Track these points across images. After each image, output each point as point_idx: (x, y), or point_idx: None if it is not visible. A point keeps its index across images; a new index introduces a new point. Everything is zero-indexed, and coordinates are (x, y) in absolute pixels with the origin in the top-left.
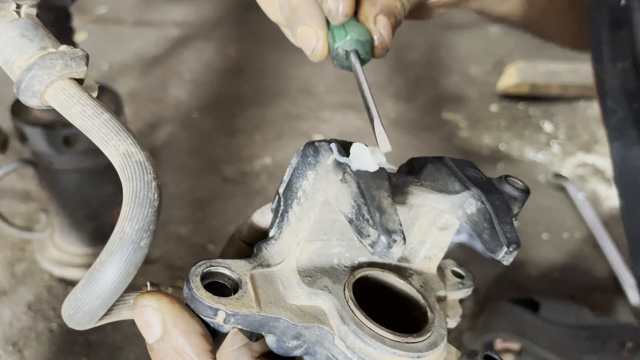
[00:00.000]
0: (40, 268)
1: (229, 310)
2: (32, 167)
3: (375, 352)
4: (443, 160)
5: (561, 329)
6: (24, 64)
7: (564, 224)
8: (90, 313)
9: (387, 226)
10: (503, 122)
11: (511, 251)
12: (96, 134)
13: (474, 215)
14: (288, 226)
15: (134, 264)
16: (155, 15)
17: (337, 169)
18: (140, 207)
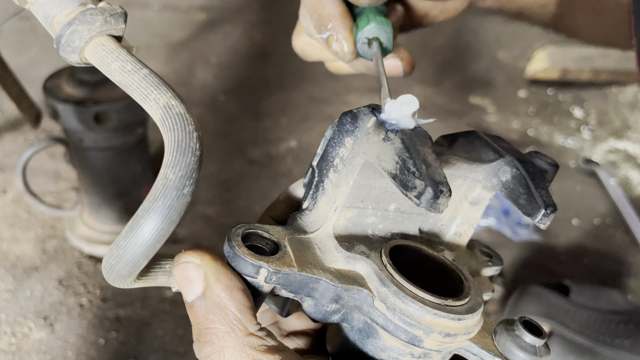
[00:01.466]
0: (71, 245)
1: (271, 267)
2: (63, 145)
3: (417, 312)
4: (475, 133)
5: (592, 313)
6: (64, 19)
7: (595, 209)
8: (132, 262)
9: (434, 177)
10: (532, 108)
11: (548, 213)
12: (136, 88)
13: (509, 182)
14: (324, 195)
15: (177, 211)
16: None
17: (379, 130)
18: (183, 155)
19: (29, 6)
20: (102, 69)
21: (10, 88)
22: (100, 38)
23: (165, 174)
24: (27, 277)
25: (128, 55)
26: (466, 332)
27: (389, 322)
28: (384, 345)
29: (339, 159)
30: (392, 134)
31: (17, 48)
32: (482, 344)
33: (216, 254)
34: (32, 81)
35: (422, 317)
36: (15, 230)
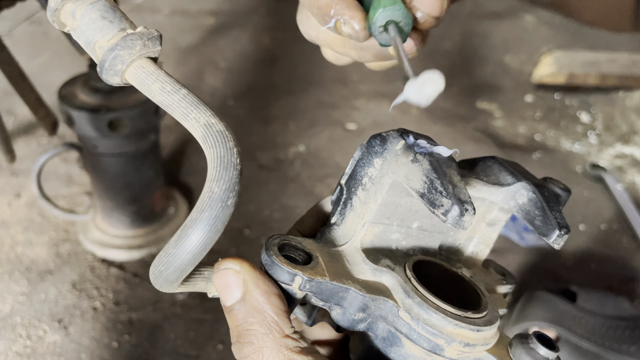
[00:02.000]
0: (84, 249)
1: (305, 276)
2: (77, 151)
3: (439, 323)
4: (495, 158)
5: (599, 319)
6: (107, 45)
7: (601, 215)
8: (180, 268)
9: (460, 197)
10: (538, 112)
11: (562, 234)
12: (176, 108)
13: (525, 204)
14: (352, 211)
15: (221, 221)
16: (190, 4)
17: (408, 152)
18: (226, 170)
19: (68, 29)
20: (142, 90)
21: (28, 97)
22: (139, 61)
23: (210, 187)
24: (42, 280)
25: (167, 77)
26: (484, 343)
27: (412, 331)
28: (406, 354)
29: (368, 178)
30: (420, 156)
31: (30, 52)
32: (498, 355)
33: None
34: (44, 85)
35: (444, 327)
36: (30, 233)
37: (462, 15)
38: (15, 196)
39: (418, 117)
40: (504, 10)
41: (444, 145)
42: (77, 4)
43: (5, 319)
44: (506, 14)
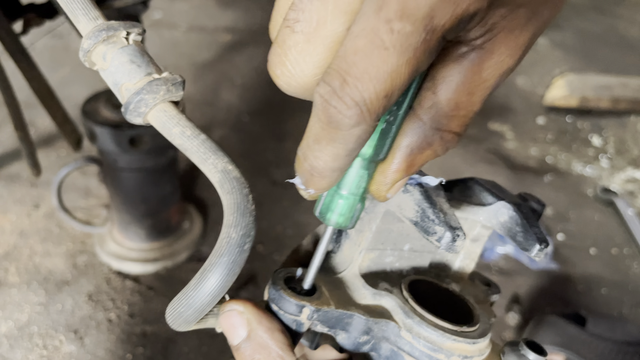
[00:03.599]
0: (100, 261)
1: (313, 306)
2: (97, 165)
3: (439, 339)
4: (474, 180)
5: (608, 344)
6: (133, 88)
7: (612, 239)
8: (200, 309)
9: (451, 224)
10: (550, 135)
11: (542, 249)
12: (194, 152)
13: (506, 222)
14: (348, 239)
15: (238, 264)
16: (207, 21)
17: None
18: (243, 216)
19: (97, 69)
20: (163, 132)
21: (55, 113)
22: (162, 105)
23: (228, 233)
24: (59, 291)
25: (187, 122)
26: (480, 354)
27: (414, 349)
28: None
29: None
30: (410, 187)
31: (50, 66)
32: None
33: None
34: (64, 99)
35: (443, 342)
36: (47, 244)
37: None
38: (34, 207)
39: None
40: None
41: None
42: (109, 47)
43: (22, 328)
44: None
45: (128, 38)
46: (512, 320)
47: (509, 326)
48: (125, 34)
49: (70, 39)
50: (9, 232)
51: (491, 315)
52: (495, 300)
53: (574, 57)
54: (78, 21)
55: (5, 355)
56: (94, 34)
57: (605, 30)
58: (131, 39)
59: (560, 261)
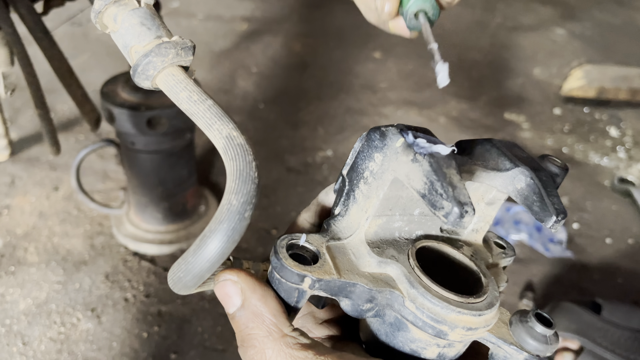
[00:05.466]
0: (117, 242)
1: (314, 276)
2: (115, 147)
3: (443, 311)
4: (492, 142)
5: (625, 332)
6: (142, 50)
7: (629, 229)
8: (198, 275)
9: (460, 199)
10: (567, 126)
11: (560, 220)
12: (200, 117)
13: (523, 189)
14: (355, 203)
15: (238, 232)
16: (224, 10)
17: (407, 150)
18: (244, 183)
19: (109, 31)
20: (170, 96)
21: (75, 92)
22: (171, 68)
23: (229, 199)
24: (77, 270)
25: (195, 86)
26: (486, 325)
27: (418, 319)
28: (413, 337)
29: (369, 172)
30: (420, 157)
31: (70, 52)
32: (499, 334)
33: (254, 256)
34: (84, 85)
35: (447, 314)
36: (66, 225)
37: (492, 26)
38: (53, 189)
39: (446, 126)
40: (535, 22)
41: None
42: (120, 8)
43: (41, 305)
44: (537, 27)
45: (140, 1)
46: (526, 308)
47: (524, 311)
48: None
49: (89, 27)
50: (28, 213)
51: (503, 279)
52: (509, 263)
53: (592, 49)
54: None
55: (24, 332)
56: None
57: (625, 22)
58: (143, 1)
59: (575, 250)
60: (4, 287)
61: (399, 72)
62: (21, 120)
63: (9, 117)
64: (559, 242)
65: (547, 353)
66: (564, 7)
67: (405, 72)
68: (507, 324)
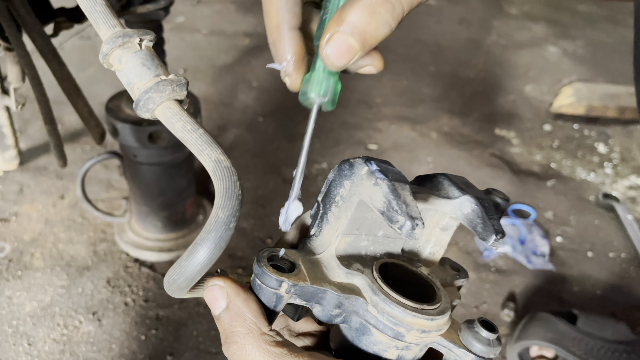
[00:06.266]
0: (119, 249)
1: (290, 281)
2: (118, 159)
3: (400, 314)
4: (445, 175)
5: (598, 342)
6: (143, 87)
7: (611, 243)
8: (191, 277)
9: (411, 214)
10: (556, 141)
11: (499, 239)
12: (193, 144)
13: (469, 214)
14: (327, 224)
15: (224, 240)
16: (227, 25)
17: (370, 176)
18: (230, 199)
19: (114, 69)
20: (168, 126)
21: (81, 110)
22: (168, 102)
23: (216, 213)
24: (80, 275)
25: (188, 117)
26: (438, 329)
27: (379, 322)
28: (375, 340)
29: (340, 197)
30: (380, 181)
31: (78, 65)
32: (450, 338)
33: (249, 263)
34: (90, 97)
35: (404, 317)
36: (71, 232)
37: (487, 44)
38: (59, 198)
39: (437, 141)
40: (528, 40)
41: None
42: (124, 51)
43: (45, 308)
44: (531, 45)
45: (141, 44)
46: (507, 317)
47: (503, 322)
48: (138, 40)
49: (97, 41)
50: (35, 220)
51: (456, 296)
52: (462, 284)
53: (584, 67)
54: (99, 28)
55: (29, 333)
56: (112, 40)
57: (617, 41)
58: (144, 44)
59: (557, 263)
60: (11, 290)
61: (394, 88)
62: (30, 131)
63: (18, 128)
64: (542, 254)
65: (490, 355)
66: (558, 26)
67: (400, 88)
68: (457, 331)
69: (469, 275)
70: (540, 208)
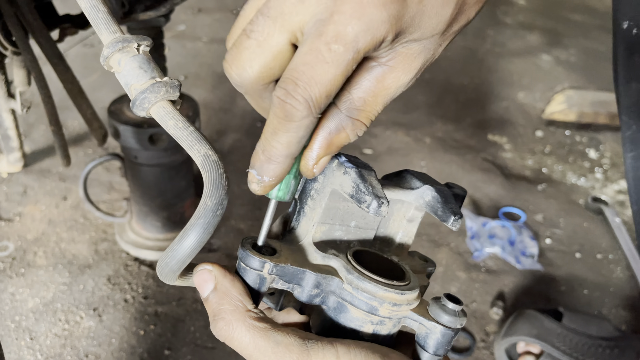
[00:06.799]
0: (119, 248)
1: (272, 262)
2: (119, 161)
3: (373, 289)
4: (407, 171)
5: (582, 338)
6: (140, 88)
7: (599, 245)
8: (181, 260)
9: (377, 194)
10: (548, 147)
11: (457, 219)
12: (184, 140)
13: (430, 201)
14: (304, 217)
15: (212, 225)
16: (227, 33)
17: (340, 167)
18: (217, 189)
19: (114, 71)
20: (161, 123)
21: (85, 112)
22: (162, 102)
23: (205, 201)
24: (81, 273)
25: (180, 116)
26: (408, 303)
27: (354, 298)
28: (352, 317)
29: (314, 190)
30: (349, 169)
31: (82, 72)
32: (420, 313)
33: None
34: (93, 102)
35: (377, 292)
36: (73, 232)
37: (481, 52)
38: (62, 199)
39: (431, 146)
40: (522, 49)
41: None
42: (123, 55)
43: (47, 304)
44: (524, 53)
45: (139, 49)
46: (495, 315)
47: (492, 320)
48: (136, 45)
49: (100, 48)
50: (38, 220)
51: (425, 282)
52: (431, 272)
53: (576, 75)
54: (101, 33)
55: (31, 328)
56: (112, 45)
57: (609, 49)
58: (141, 49)
59: (545, 263)
60: (15, 287)
61: None
62: (34, 135)
63: (23, 132)
64: (531, 255)
65: (457, 325)
66: (551, 35)
67: None
68: (426, 308)
69: (436, 265)
70: (531, 211)
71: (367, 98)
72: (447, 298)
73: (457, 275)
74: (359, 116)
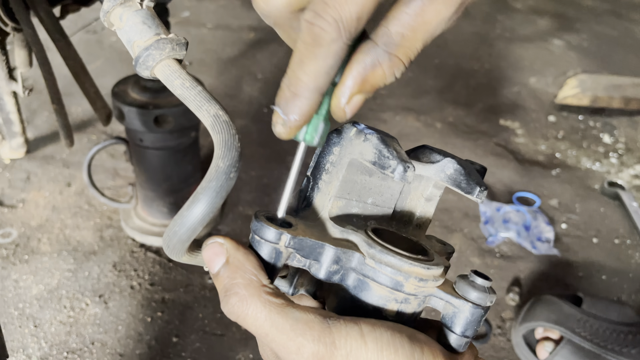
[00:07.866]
0: (125, 234)
1: (290, 234)
2: (124, 144)
3: (398, 263)
4: (426, 146)
5: (603, 323)
6: (143, 44)
7: (616, 230)
8: (192, 228)
9: (402, 158)
10: (561, 132)
11: (482, 190)
12: (192, 101)
13: (452, 174)
14: (319, 192)
15: (225, 189)
16: (232, 19)
17: (359, 135)
18: (229, 150)
19: (114, 28)
20: (166, 83)
21: (88, 90)
22: (167, 60)
23: (217, 163)
24: (86, 260)
25: (187, 75)
26: (434, 279)
27: (377, 273)
28: (374, 295)
29: (330, 164)
30: (370, 136)
31: (85, 58)
32: (446, 290)
33: None
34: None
35: (402, 266)
36: (77, 219)
37: (491, 37)
38: (66, 185)
39: (442, 131)
40: (533, 34)
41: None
42: (125, 9)
43: (52, 291)
44: (535, 38)
45: (142, 3)
46: (512, 302)
47: (508, 306)
48: (139, 0)
49: (103, 34)
50: (42, 206)
51: (447, 263)
52: (451, 254)
53: (588, 59)
54: None
55: (36, 315)
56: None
57: (621, 34)
58: (144, 4)
59: (562, 249)
60: (18, 274)
61: (398, 80)
62: (37, 121)
63: (25, 118)
64: (547, 240)
65: (487, 302)
66: (562, 20)
67: (405, 79)
68: (452, 286)
69: (454, 249)
70: (545, 196)
71: (406, 33)
72: (475, 274)
73: (471, 261)
74: (397, 52)
